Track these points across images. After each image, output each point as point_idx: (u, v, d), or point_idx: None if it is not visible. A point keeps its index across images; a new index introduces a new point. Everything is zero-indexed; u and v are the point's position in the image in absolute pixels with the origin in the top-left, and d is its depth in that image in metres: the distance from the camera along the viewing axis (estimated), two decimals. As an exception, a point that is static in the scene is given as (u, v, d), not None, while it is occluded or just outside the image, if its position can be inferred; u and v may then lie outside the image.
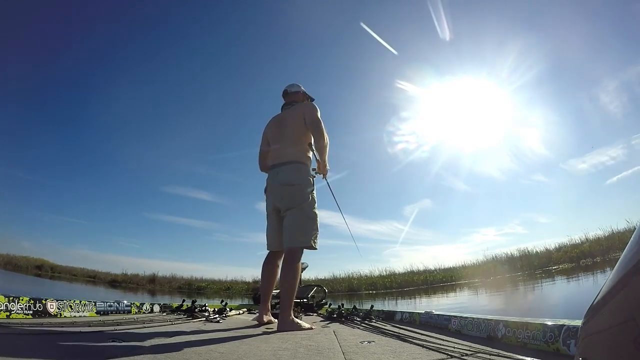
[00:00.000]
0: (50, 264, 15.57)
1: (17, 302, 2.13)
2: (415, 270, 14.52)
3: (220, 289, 15.36)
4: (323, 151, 2.51)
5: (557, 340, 1.40)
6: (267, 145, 2.69)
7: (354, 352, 1.40)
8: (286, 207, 2.42)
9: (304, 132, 2.51)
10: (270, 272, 2.53)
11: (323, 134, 2.47)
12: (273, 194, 2.48)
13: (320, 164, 2.54)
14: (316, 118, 2.47)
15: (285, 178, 2.42)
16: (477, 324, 1.98)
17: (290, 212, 2.40)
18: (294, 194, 2.39)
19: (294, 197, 2.39)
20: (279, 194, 2.44)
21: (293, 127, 2.53)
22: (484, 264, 12.85)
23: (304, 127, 2.49)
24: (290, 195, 2.40)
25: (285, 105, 2.71)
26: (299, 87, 2.77)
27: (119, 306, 3.07)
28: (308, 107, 2.56)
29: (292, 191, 2.40)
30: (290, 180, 2.41)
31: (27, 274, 13.92)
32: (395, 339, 1.76)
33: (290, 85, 2.76)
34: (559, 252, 11.38)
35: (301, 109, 2.57)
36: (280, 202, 2.44)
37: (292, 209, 2.40)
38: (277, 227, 2.50)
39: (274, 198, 2.48)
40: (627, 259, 0.45)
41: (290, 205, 2.40)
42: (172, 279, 16.43)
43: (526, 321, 1.63)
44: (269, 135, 2.67)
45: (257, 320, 2.50)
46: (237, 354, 1.33)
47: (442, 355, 1.32)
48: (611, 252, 9.31)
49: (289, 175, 2.42)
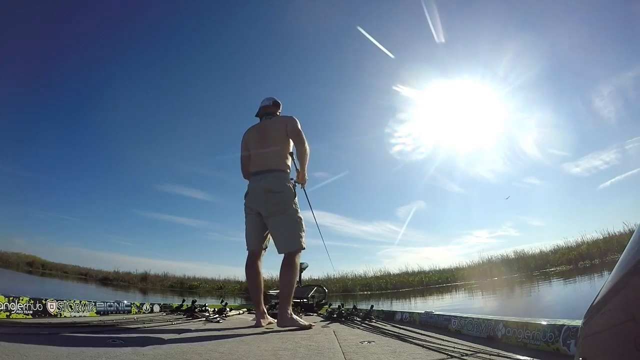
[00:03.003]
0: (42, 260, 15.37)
1: (17, 302, 2.13)
2: (410, 272, 14.50)
3: (213, 288, 15.27)
4: (304, 158, 2.63)
5: (557, 340, 1.40)
6: (247, 152, 2.73)
7: (354, 352, 1.40)
8: (270, 213, 2.49)
9: (286, 142, 2.62)
10: (254, 273, 2.58)
11: (304, 141, 2.60)
12: (256, 200, 2.54)
13: (299, 173, 2.67)
14: (297, 128, 2.60)
15: (268, 185, 2.50)
16: (477, 324, 1.98)
17: (277, 219, 2.49)
18: (278, 201, 2.48)
19: (278, 203, 2.48)
20: (262, 199, 2.50)
21: (276, 137, 2.62)
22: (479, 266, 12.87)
23: (286, 136, 2.61)
24: (275, 202, 2.48)
25: (264, 115, 2.78)
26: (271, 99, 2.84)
27: (119, 306, 3.07)
28: (290, 119, 2.65)
29: (277, 198, 2.48)
30: (274, 188, 2.49)
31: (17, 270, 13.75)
32: (395, 339, 1.76)
33: (271, 98, 2.83)
34: (556, 254, 11.40)
35: (283, 120, 2.67)
36: (265, 208, 2.50)
37: (276, 215, 2.48)
38: (257, 228, 2.58)
39: (256, 203, 2.54)
40: (627, 259, 0.46)
41: (275, 211, 2.48)
42: (164, 277, 16.26)
43: (526, 321, 1.63)
44: (249, 142, 2.72)
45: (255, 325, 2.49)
46: (237, 354, 1.33)
47: (442, 355, 1.32)
48: (609, 254, 9.32)
49: (272, 183, 2.50)
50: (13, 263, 14.31)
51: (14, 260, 14.51)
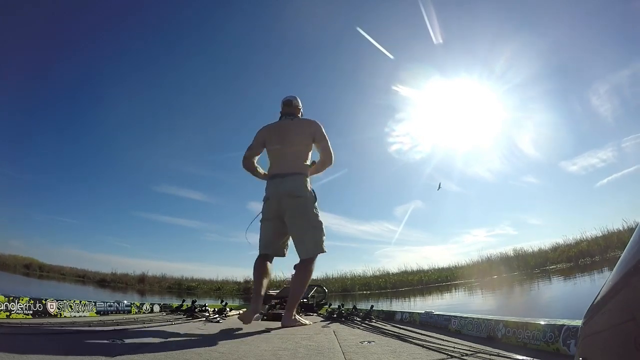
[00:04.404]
0: (39, 263, 15.28)
1: (17, 302, 2.13)
2: (409, 271, 14.46)
3: (211, 289, 15.20)
4: (324, 167, 2.64)
5: (557, 340, 1.40)
6: (260, 148, 2.68)
7: (354, 352, 1.40)
8: (292, 217, 2.46)
9: (310, 149, 2.61)
10: (266, 271, 2.53)
11: (332, 156, 2.61)
12: (277, 204, 2.50)
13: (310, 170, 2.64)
14: (326, 139, 2.59)
15: (291, 189, 2.46)
16: (477, 324, 1.98)
17: (298, 224, 2.47)
18: (300, 205, 2.46)
19: (300, 208, 2.45)
20: (283, 204, 2.47)
21: (300, 142, 2.58)
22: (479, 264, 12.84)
23: (311, 144, 2.59)
24: (297, 207, 2.45)
25: (286, 115, 2.72)
26: (299, 102, 2.79)
27: (119, 306, 3.07)
28: (317, 126, 2.60)
29: (299, 203, 2.45)
30: (296, 192, 2.46)
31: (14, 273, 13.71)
32: (395, 339, 1.76)
33: (294, 97, 2.77)
34: (555, 252, 11.40)
35: (310, 127, 2.61)
36: (286, 211, 2.47)
37: (297, 219, 2.46)
38: (277, 233, 2.54)
39: (277, 206, 2.50)
40: (627, 259, 0.45)
41: (297, 216, 2.46)
42: (161, 278, 16.17)
43: (526, 321, 1.63)
44: (268, 140, 2.64)
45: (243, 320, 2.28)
46: (237, 354, 1.33)
47: (442, 355, 1.32)
48: (609, 251, 9.33)
49: (294, 187, 2.47)
50: (10, 265, 14.26)
51: (11, 262, 14.44)
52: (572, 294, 5.79)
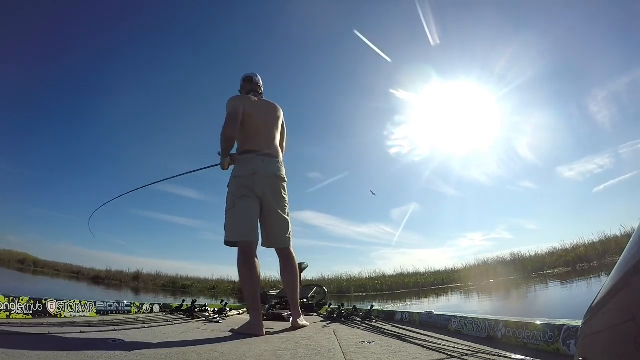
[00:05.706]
0: (33, 258, 15.13)
1: (17, 302, 2.13)
2: (406, 273, 14.38)
3: (206, 287, 15.05)
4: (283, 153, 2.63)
5: (557, 340, 1.41)
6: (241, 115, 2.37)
7: (354, 352, 1.41)
8: (277, 201, 2.35)
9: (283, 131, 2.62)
10: (253, 270, 2.18)
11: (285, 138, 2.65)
12: (264, 183, 2.29)
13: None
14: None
15: (279, 171, 2.39)
16: (477, 324, 1.99)
17: (278, 212, 2.36)
18: (284, 191, 2.41)
19: (283, 193, 2.40)
20: (273, 185, 2.33)
21: (277, 125, 2.54)
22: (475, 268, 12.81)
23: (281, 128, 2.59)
24: (282, 192, 2.39)
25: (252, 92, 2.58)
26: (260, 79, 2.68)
27: (119, 306, 3.06)
28: (281, 110, 2.60)
29: (284, 188, 2.42)
30: (284, 176, 2.42)
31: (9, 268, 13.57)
32: (395, 339, 1.76)
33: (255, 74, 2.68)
34: (553, 257, 11.39)
35: (280, 111, 2.59)
36: (272, 194, 2.32)
37: (281, 205, 2.38)
38: (256, 216, 2.30)
39: (264, 187, 2.29)
40: (627, 259, 0.46)
41: (280, 200, 2.37)
42: (156, 276, 15.99)
43: (526, 321, 1.63)
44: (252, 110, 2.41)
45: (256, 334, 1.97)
46: (237, 354, 1.34)
47: (442, 355, 1.32)
48: (607, 256, 9.31)
49: (280, 171, 2.40)
50: (4, 260, 14.11)
51: (5, 257, 14.31)
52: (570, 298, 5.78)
